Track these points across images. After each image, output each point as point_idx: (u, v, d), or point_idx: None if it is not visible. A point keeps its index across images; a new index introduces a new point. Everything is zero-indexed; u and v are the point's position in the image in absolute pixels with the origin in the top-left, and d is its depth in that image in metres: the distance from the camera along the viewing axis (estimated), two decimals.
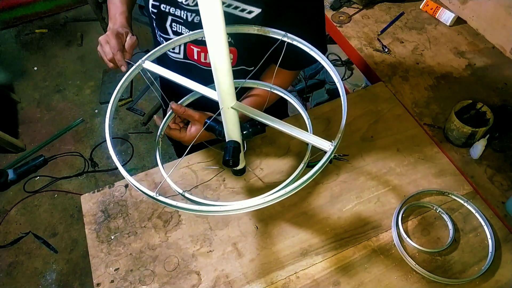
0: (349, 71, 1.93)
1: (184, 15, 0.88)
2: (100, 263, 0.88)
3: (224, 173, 1.00)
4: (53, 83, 2.83)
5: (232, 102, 0.68)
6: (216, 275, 0.85)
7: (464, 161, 1.02)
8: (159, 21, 0.92)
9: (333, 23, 1.45)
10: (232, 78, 0.64)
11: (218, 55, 0.59)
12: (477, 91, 1.19)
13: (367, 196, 0.95)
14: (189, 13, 0.87)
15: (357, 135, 1.07)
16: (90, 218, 0.95)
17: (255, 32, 0.80)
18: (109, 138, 0.67)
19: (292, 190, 0.60)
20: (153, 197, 0.61)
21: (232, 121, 0.72)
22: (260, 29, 0.80)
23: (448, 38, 1.35)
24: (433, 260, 0.86)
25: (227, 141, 0.78)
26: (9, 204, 2.23)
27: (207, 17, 0.54)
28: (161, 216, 0.94)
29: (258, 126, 0.85)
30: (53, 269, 2.00)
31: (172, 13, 0.88)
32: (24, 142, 2.52)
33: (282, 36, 0.78)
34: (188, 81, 0.79)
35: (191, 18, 0.88)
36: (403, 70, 1.26)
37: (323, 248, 0.88)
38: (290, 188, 0.60)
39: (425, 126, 1.10)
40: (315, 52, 0.76)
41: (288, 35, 0.77)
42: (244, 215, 0.93)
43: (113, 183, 1.00)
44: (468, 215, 0.91)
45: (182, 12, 0.87)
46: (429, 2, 1.43)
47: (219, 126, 0.84)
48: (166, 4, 0.87)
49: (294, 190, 0.60)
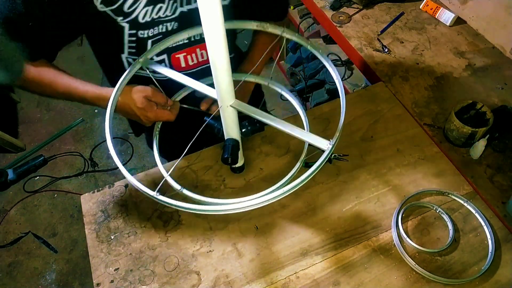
0: (349, 71, 1.93)
1: (163, 28, 0.85)
2: (100, 263, 0.88)
3: (224, 173, 1.00)
4: None
5: (231, 100, 0.68)
6: (216, 275, 0.85)
7: (464, 161, 1.02)
8: (138, 50, 0.87)
9: (333, 23, 1.45)
10: (231, 76, 0.64)
11: (217, 54, 0.59)
12: (477, 91, 1.19)
13: (367, 196, 0.95)
14: (168, 23, 0.85)
15: (357, 135, 1.06)
16: (90, 218, 0.95)
17: (254, 27, 0.81)
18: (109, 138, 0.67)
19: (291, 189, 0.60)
20: (153, 196, 0.61)
21: (231, 119, 0.73)
22: (259, 25, 0.80)
23: (448, 38, 1.35)
24: (433, 260, 0.86)
25: (226, 139, 0.78)
26: (9, 204, 2.23)
27: (206, 17, 0.54)
28: (161, 216, 0.94)
29: (257, 124, 0.85)
30: (53, 269, 2.00)
31: (151, 35, 0.85)
32: (24, 142, 2.52)
33: (281, 32, 0.78)
34: (188, 79, 0.79)
35: (171, 27, 0.86)
36: (403, 70, 1.26)
37: (323, 248, 0.88)
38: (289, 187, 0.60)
39: (425, 126, 1.10)
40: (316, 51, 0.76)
41: (286, 30, 0.78)
42: (244, 215, 0.93)
43: (113, 183, 1.00)
44: (468, 215, 0.91)
45: (161, 26, 0.85)
46: (429, 2, 1.43)
47: (217, 124, 0.84)
48: (143, 30, 0.83)
49: (293, 189, 0.60)
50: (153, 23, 0.83)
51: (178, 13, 0.85)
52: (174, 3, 0.83)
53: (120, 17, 0.79)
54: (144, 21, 0.81)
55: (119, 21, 0.80)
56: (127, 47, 0.86)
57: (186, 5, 0.84)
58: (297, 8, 2.16)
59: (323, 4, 1.53)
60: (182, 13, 0.85)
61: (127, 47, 0.86)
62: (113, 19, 0.79)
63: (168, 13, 0.83)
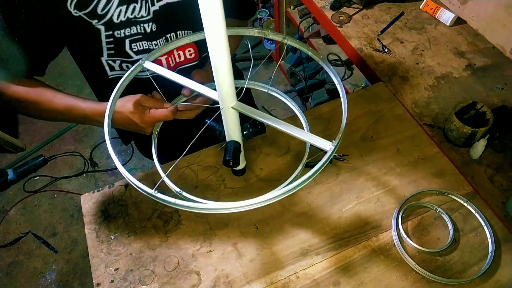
0: (349, 71, 1.93)
1: (141, 29, 0.86)
2: (100, 263, 0.88)
3: (224, 173, 1.00)
4: (53, 83, 2.83)
5: (233, 102, 0.68)
6: (216, 275, 0.85)
7: (464, 161, 1.02)
8: (116, 51, 0.88)
9: (333, 23, 1.45)
10: (232, 78, 0.64)
11: (219, 57, 0.59)
12: (477, 91, 1.19)
13: (367, 196, 0.95)
14: (146, 25, 0.86)
15: (357, 135, 1.06)
16: (90, 218, 0.95)
17: (256, 34, 0.81)
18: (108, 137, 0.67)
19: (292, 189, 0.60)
20: (151, 194, 0.61)
21: (232, 121, 0.73)
22: (261, 32, 0.80)
23: (448, 38, 1.35)
24: (433, 260, 0.86)
25: (227, 141, 0.78)
26: (9, 204, 2.23)
27: (208, 20, 0.54)
28: (161, 216, 0.94)
29: (259, 126, 0.85)
30: (53, 269, 2.00)
31: (128, 34, 0.86)
32: (24, 142, 2.51)
33: (282, 39, 0.78)
34: (188, 80, 0.79)
35: (149, 28, 0.87)
36: (403, 70, 1.26)
37: (323, 248, 0.88)
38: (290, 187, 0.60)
39: (425, 126, 1.10)
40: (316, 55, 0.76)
41: (287, 37, 0.78)
42: (244, 215, 0.93)
43: (113, 183, 1.00)
44: (468, 215, 0.91)
45: (139, 27, 0.86)
46: (429, 2, 1.43)
47: (219, 126, 0.84)
48: (119, 29, 0.84)
49: (294, 189, 0.60)
50: (129, 23, 0.84)
51: (152, 13, 0.86)
52: (146, 2, 0.84)
53: (95, 20, 0.81)
54: (119, 21, 0.83)
55: (94, 23, 0.81)
56: (105, 49, 0.87)
57: (157, 2, 0.85)
58: (297, 8, 2.16)
59: (323, 4, 1.53)
60: (155, 12, 0.86)
61: (106, 48, 0.87)
62: (88, 22, 0.81)
63: (143, 13, 0.84)
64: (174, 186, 0.71)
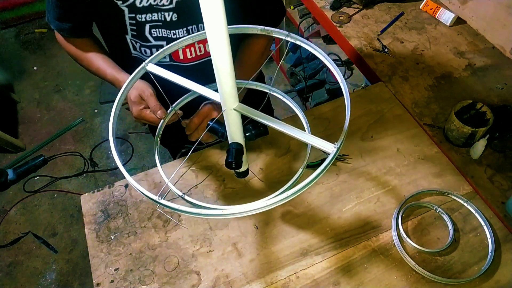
0: (349, 71, 1.93)
1: (161, 16, 0.89)
2: (100, 263, 0.88)
3: (224, 173, 1.00)
4: (53, 83, 2.83)
5: (235, 103, 0.68)
6: (216, 275, 0.85)
7: (464, 161, 1.02)
8: (137, 33, 0.92)
9: (333, 23, 1.45)
10: (234, 79, 0.64)
11: (221, 57, 0.59)
12: (477, 91, 1.19)
13: (367, 196, 0.95)
14: (166, 13, 0.89)
15: (357, 135, 1.07)
16: (90, 218, 0.95)
17: (258, 32, 0.81)
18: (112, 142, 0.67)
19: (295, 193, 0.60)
20: (156, 201, 0.61)
21: (234, 123, 0.72)
22: (264, 30, 0.80)
23: (448, 38, 1.35)
24: (433, 260, 0.86)
25: (229, 143, 0.77)
26: (9, 204, 2.23)
27: (209, 19, 0.54)
28: (161, 216, 0.94)
29: (261, 128, 0.85)
30: (53, 269, 2.00)
31: (148, 20, 0.89)
32: (24, 142, 2.52)
33: (285, 36, 0.78)
34: (191, 82, 0.79)
35: (169, 17, 0.89)
36: (403, 70, 1.26)
37: (323, 248, 0.88)
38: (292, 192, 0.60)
39: (425, 126, 1.10)
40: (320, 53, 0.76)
41: (291, 34, 0.78)
42: None
43: (113, 183, 1.00)
44: (468, 215, 0.91)
45: (159, 14, 0.88)
46: (429, 2, 1.43)
47: (221, 128, 0.84)
48: (141, 14, 0.88)
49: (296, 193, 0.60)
50: (151, 9, 0.87)
51: (174, 3, 0.87)
52: None
53: (120, 1, 0.86)
54: (141, 5, 0.86)
55: (119, 4, 0.86)
56: (129, 29, 0.92)
57: None
58: (297, 8, 2.16)
59: (323, 4, 1.53)
60: (178, 2, 0.88)
61: (130, 29, 0.91)
62: (114, 3, 0.86)
63: (164, 1, 0.86)
64: (177, 191, 0.71)
